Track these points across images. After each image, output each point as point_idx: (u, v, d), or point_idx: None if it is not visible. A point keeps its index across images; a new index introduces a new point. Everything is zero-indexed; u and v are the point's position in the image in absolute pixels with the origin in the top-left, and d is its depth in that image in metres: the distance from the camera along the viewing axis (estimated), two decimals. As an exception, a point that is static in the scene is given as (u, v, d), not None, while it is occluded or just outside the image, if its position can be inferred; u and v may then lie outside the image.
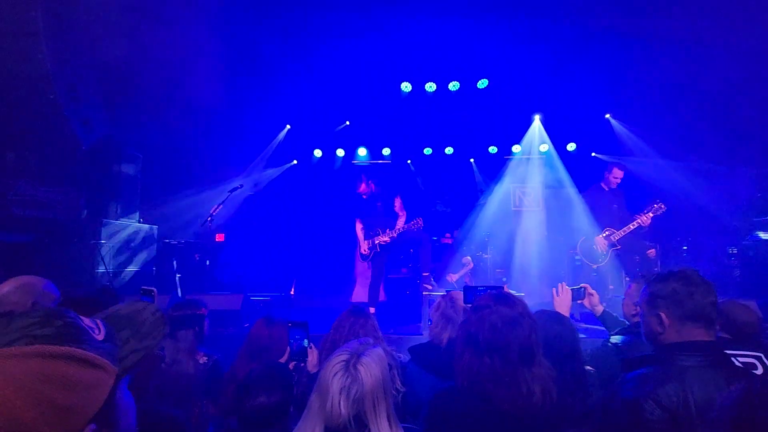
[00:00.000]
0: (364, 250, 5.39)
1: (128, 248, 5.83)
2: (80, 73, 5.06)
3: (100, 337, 0.70)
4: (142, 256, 6.06)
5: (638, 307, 1.62)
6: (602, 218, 5.09)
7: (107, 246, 5.37)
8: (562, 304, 2.45)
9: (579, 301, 2.60)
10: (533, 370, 1.44)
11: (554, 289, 2.52)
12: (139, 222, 6.15)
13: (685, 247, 6.38)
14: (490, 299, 1.57)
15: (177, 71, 5.48)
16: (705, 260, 6.08)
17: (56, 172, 5.32)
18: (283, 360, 2.12)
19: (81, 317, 0.70)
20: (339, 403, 1.25)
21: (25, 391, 0.56)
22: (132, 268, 5.86)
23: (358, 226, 5.55)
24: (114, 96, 5.63)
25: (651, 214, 4.94)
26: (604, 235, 5.00)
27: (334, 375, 1.30)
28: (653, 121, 6.78)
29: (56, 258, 5.04)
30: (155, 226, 6.39)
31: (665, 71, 5.78)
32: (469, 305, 2.11)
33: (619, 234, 4.94)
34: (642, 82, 6.15)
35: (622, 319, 2.59)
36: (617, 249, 5.00)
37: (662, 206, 4.97)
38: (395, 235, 5.24)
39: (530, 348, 1.45)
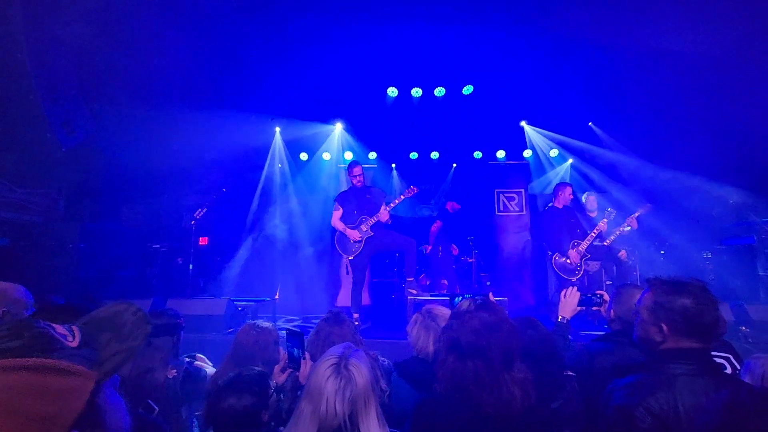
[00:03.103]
0: (356, 238, 4.98)
1: (109, 252, 5.71)
2: (61, 74, 4.96)
3: (74, 344, 0.70)
4: (123, 260, 5.94)
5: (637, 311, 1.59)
6: (565, 234, 5.24)
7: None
8: (567, 307, 2.47)
9: (594, 308, 2.51)
10: (513, 374, 1.48)
11: (563, 292, 2.52)
12: (121, 225, 6.04)
13: (662, 252, 6.57)
14: (471, 306, 1.61)
15: (161, 72, 5.42)
16: (681, 264, 6.27)
17: (35, 174, 5.21)
18: (281, 365, 2.09)
19: (53, 325, 0.70)
20: (334, 404, 1.28)
21: None
22: (113, 273, 5.73)
23: (336, 215, 5.12)
24: (96, 97, 5.53)
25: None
26: (573, 248, 5.14)
27: (327, 378, 1.32)
28: (635, 129, 6.97)
29: (34, 261, 4.92)
30: (137, 229, 6.27)
31: (648, 80, 5.95)
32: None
33: (585, 243, 5.11)
34: (625, 90, 6.31)
35: None
36: (588, 258, 5.16)
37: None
38: (387, 214, 4.91)
39: (510, 352, 1.49)
